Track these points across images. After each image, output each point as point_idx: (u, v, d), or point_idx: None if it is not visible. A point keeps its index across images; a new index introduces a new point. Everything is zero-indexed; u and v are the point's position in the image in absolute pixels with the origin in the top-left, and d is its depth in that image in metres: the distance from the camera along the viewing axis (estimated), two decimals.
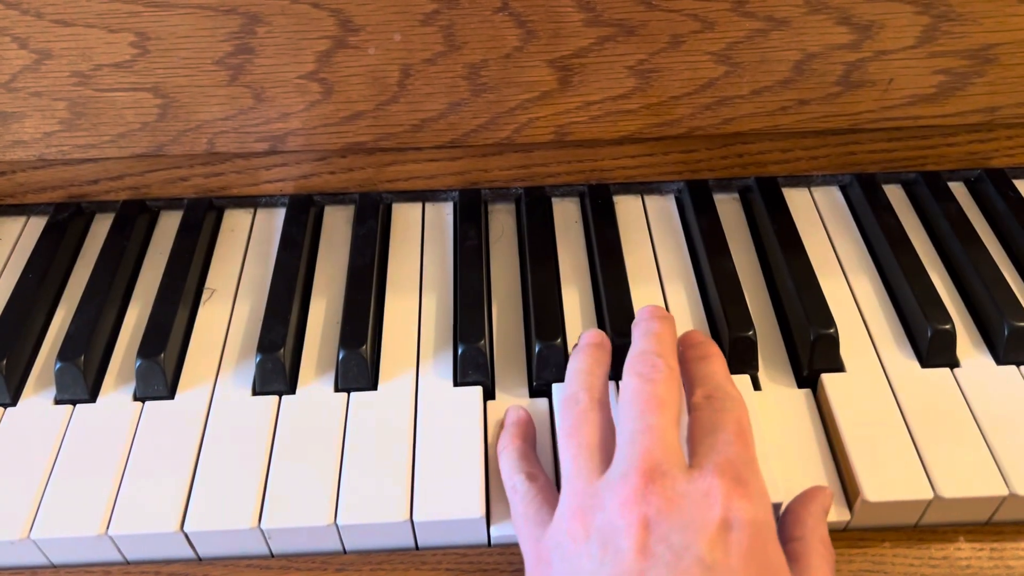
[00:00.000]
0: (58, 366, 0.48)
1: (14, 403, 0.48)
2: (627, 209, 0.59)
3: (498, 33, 0.53)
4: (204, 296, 0.54)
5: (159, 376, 0.48)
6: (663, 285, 0.54)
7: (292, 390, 0.49)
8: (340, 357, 0.48)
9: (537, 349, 0.48)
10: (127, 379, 0.49)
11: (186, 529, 0.42)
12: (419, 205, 0.60)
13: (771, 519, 0.37)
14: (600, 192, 0.59)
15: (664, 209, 0.59)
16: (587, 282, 0.55)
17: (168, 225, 0.59)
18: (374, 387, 0.49)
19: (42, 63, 0.53)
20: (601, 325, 0.52)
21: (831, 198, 0.60)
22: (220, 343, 0.51)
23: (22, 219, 0.59)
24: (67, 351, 0.48)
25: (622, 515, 0.36)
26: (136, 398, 0.48)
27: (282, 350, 0.48)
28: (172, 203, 0.59)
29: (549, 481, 0.43)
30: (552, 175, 0.59)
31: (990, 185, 0.59)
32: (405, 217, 0.59)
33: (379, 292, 0.53)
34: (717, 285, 0.51)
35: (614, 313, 0.50)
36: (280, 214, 0.59)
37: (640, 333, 0.44)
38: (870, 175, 0.59)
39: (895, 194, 0.60)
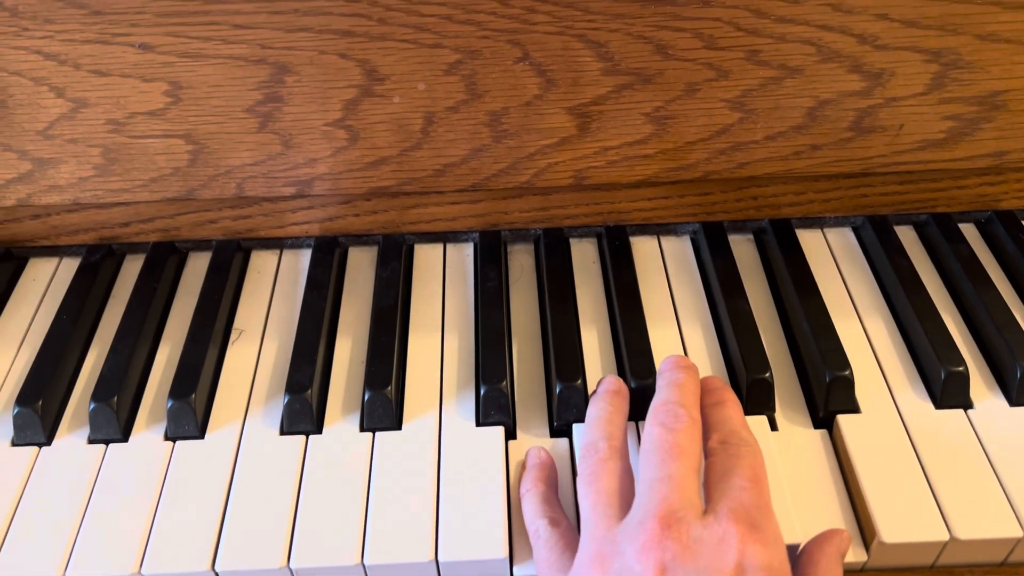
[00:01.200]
0: (92, 407, 0.49)
1: (49, 442, 0.50)
2: (644, 250, 0.60)
3: (519, 82, 0.55)
4: (232, 336, 0.55)
5: (190, 416, 0.49)
6: (680, 326, 0.55)
7: (319, 429, 0.50)
8: (366, 398, 0.49)
9: (558, 390, 0.50)
10: (158, 418, 0.50)
11: (217, 568, 0.43)
12: (440, 246, 0.61)
13: (785, 563, 0.38)
14: (617, 233, 0.60)
15: (680, 250, 0.61)
16: (606, 322, 0.56)
17: (197, 266, 0.60)
18: (398, 427, 0.50)
19: (78, 111, 0.55)
20: (620, 366, 0.53)
21: (844, 239, 0.61)
22: (248, 383, 0.52)
23: (55, 260, 0.61)
24: (101, 392, 0.50)
25: (639, 560, 0.37)
26: (167, 437, 0.50)
27: (309, 391, 0.50)
28: (200, 244, 0.61)
29: (571, 526, 0.44)
30: (570, 217, 0.61)
31: (1000, 227, 0.60)
32: (427, 258, 0.60)
33: (403, 333, 0.55)
34: (734, 327, 0.52)
35: (633, 355, 0.52)
36: (305, 255, 0.61)
37: (664, 383, 0.45)
38: (882, 217, 0.61)
39: (907, 235, 0.61)
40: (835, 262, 0.59)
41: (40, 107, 0.55)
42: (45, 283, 0.59)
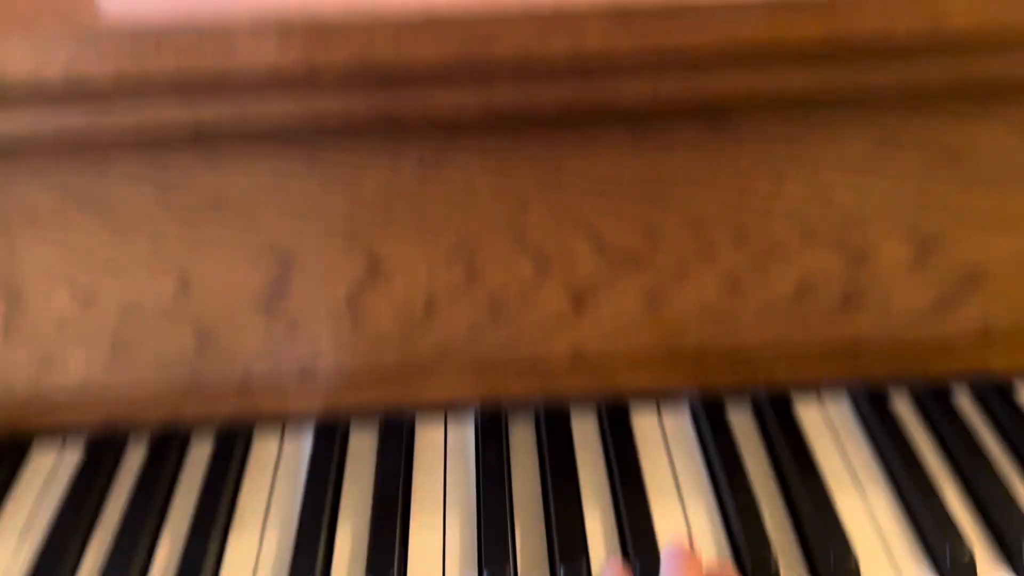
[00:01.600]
0: None
1: None
2: (644, 424, 0.61)
3: (516, 266, 0.57)
4: (234, 526, 0.55)
5: None
6: (683, 502, 0.55)
7: None
8: None
9: (561, 574, 0.49)
10: None
11: None
12: (441, 422, 0.62)
13: None
14: (616, 408, 0.61)
15: (680, 422, 0.61)
16: (608, 499, 0.56)
17: (199, 452, 0.60)
18: None
19: (89, 304, 0.56)
20: (623, 546, 0.52)
21: (840, 409, 0.62)
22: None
23: (58, 445, 0.61)
24: None
25: None
26: None
27: None
28: (203, 429, 0.61)
29: None
30: (569, 390, 0.62)
31: (993, 393, 0.61)
32: (428, 435, 0.61)
33: (404, 516, 0.55)
34: (737, 509, 0.52)
35: (636, 536, 0.51)
36: (307, 436, 0.61)
37: (666, 573, 0.45)
38: (876, 386, 0.61)
39: (902, 403, 0.62)
40: (833, 433, 0.60)
41: (52, 300, 0.56)
42: (48, 471, 0.59)
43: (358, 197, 0.56)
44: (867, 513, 0.54)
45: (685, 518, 0.54)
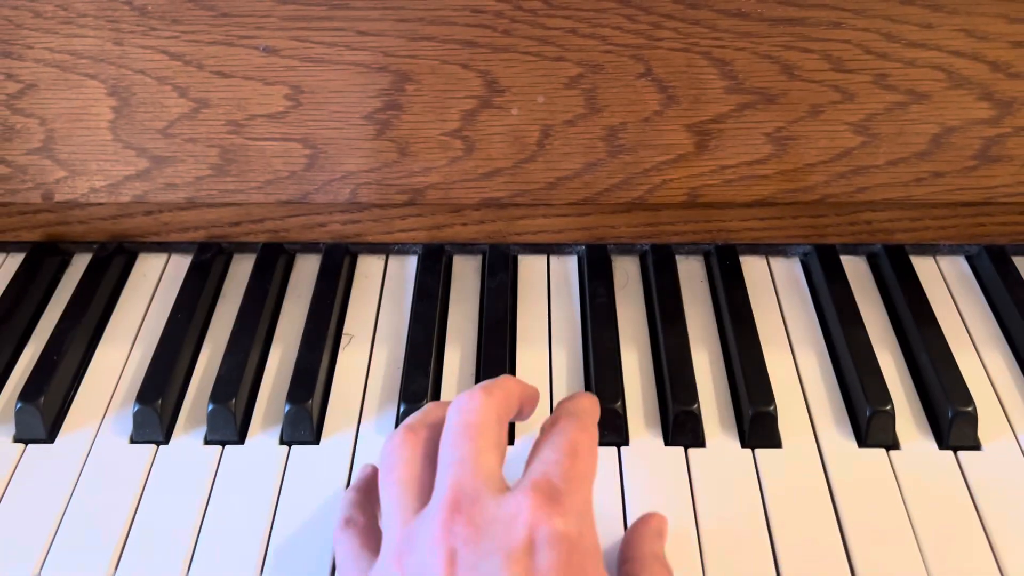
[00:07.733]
0: (211, 408, 0.49)
1: (167, 441, 0.50)
2: (753, 270, 0.60)
3: (639, 97, 0.54)
4: (343, 341, 0.55)
5: (307, 421, 0.49)
6: (793, 350, 0.54)
7: None
8: None
9: (673, 416, 0.49)
10: (273, 421, 0.51)
11: None
12: (544, 257, 0.61)
13: (593, 537, 0.36)
14: (728, 253, 0.59)
15: (790, 271, 0.60)
16: (715, 344, 0.55)
17: (305, 268, 0.60)
18: (510, 442, 0.50)
19: (199, 112, 0.55)
20: (733, 389, 0.52)
21: (957, 268, 0.60)
22: (360, 389, 0.53)
23: (164, 256, 0.61)
24: (219, 394, 0.50)
25: (430, 552, 0.35)
26: (283, 442, 0.50)
27: (424, 401, 0.50)
28: (308, 247, 0.61)
29: (369, 525, 0.42)
30: (678, 233, 0.60)
31: None
32: (531, 270, 0.60)
33: (511, 345, 0.55)
34: (853, 357, 0.51)
35: (750, 378, 0.51)
36: (411, 261, 0.61)
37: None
38: (999, 247, 0.59)
39: (1021, 262, 0.60)
40: (949, 291, 0.58)
41: (162, 106, 0.55)
42: (155, 279, 0.60)
43: (479, 16, 0.53)
44: (983, 370, 0.53)
45: (796, 366, 0.54)
